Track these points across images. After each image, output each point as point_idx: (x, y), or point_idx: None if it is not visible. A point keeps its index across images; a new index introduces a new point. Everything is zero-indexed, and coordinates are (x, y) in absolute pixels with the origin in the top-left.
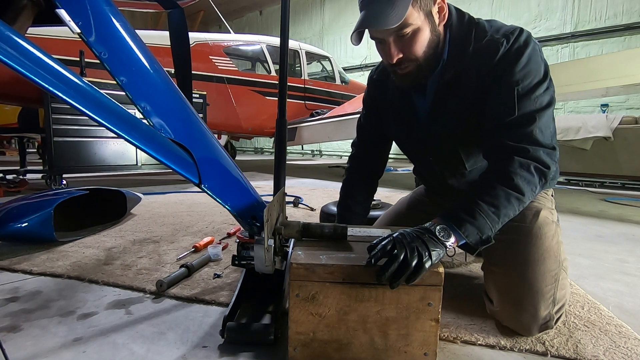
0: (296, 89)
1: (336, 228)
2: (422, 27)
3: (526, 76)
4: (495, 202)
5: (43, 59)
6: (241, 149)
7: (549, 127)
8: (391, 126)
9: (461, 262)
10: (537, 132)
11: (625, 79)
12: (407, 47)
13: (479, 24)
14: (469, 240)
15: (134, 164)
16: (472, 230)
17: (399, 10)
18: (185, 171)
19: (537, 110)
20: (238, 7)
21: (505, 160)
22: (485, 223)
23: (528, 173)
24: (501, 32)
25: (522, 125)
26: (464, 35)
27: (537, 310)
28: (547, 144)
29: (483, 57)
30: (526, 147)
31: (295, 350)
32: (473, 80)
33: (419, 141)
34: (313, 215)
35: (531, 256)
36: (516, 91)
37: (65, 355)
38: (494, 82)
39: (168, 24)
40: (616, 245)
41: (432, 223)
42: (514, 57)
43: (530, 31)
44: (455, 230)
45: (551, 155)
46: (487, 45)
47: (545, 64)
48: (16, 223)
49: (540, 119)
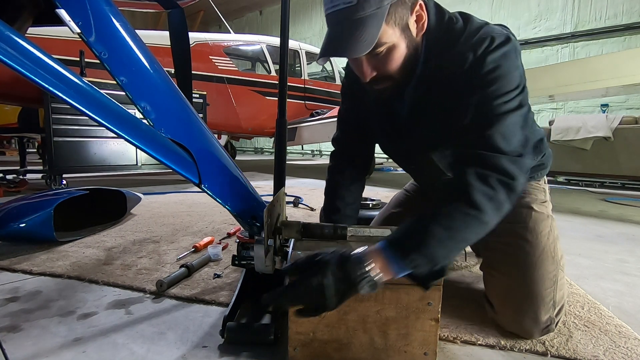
0: (296, 89)
1: (336, 228)
2: (397, 44)
3: (492, 83)
4: (450, 226)
5: (43, 59)
6: (241, 149)
7: (516, 134)
8: (372, 129)
9: (461, 262)
10: (498, 138)
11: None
12: (381, 66)
13: (454, 28)
14: (417, 272)
15: (134, 164)
16: (422, 260)
17: (371, 33)
18: (185, 171)
19: (500, 114)
20: (238, 7)
21: (462, 171)
22: (439, 252)
23: (488, 187)
24: (475, 37)
25: (480, 130)
26: (440, 42)
27: (538, 315)
28: (512, 150)
29: (454, 66)
30: (484, 155)
31: (295, 350)
32: (445, 91)
33: (400, 149)
34: (313, 215)
35: (528, 260)
36: (479, 96)
37: (65, 355)
38: (460, 93)
39: (168, 24)
40: (616, 245)
41: (364, 253)
42: (482, 65)
43: (530, 31)
44: (398, 261)
45: (518, 163)
46: (458, 53)
47: (520, 73)
48: (16, 223)
49: (503, 123)
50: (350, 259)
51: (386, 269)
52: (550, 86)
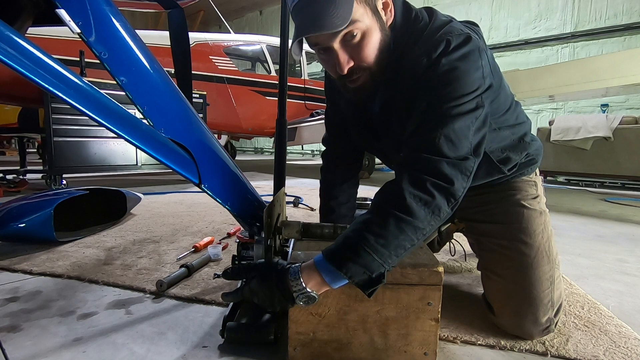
0: (296, 89)
1: (336, 228)
2: (371, 27)
3: (445, 85)
4: (384, 233)
5: (43, 59)
6: (241, 149)
7: (466, 137)
8: (351, 132)
9: (461, 263)
10: (443, 141)
11: (625, 79)
12: (358, 53)
13: (418, 27)
14: (353, 281)
15: (134, 164)
16: (357, 270)
17: (343, 8)
18: (185, 171)
19: (450, 116)
20: (238, 7)
21: (400, 175)
22: (374, 260)
23: (423, 192)
24: (431, 40)
25: (426, 133)
26: (404, 40)
27: (537, 317)
28: (457, 155)
29: (407, 75)
30: (425, 158)
31: (295, 350)
32: (407, 92)
33: (376, 149)
34: (313, 215)
35: (524, 262)
36: (430, 98)
37: (65, 355)
38: (417, 96)
39: (168, 24)
40: (616, 245)
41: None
42: (436, 68)
43: (530, 31)
44: (332, 273)
45: (459, 166)
46: (411, 60)
47: (482, 74)
48: (16, 223)
49: (450, 126)
50: (287, 274)
51: (321, 281)
52: (550, 86)
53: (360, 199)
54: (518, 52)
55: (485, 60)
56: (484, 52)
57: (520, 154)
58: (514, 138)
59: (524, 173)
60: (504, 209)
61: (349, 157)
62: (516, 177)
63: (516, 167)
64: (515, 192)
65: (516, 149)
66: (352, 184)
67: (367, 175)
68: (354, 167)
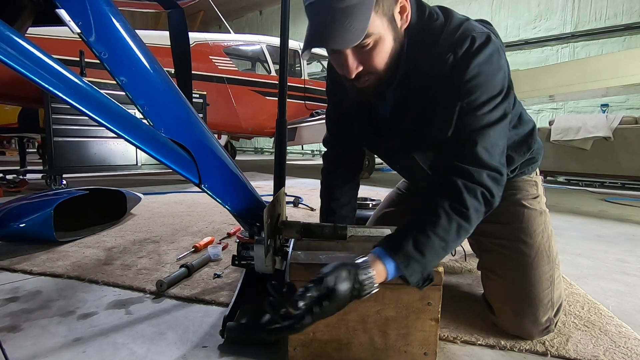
0: (296, 89)
1: (336, 228)
2: (384, 36)
3: (472, 91)
4: (446, 237)
5: (43, 59)
6: (241, 149)
7: (498, 145)
8: (355, 131)
9: (461, 263)
10: (482, 152)
11: (625, 79)
12: (368, 60)
13: (435, 25)
14: (409, 280)
15: (134, 164)
16: (417, 268)
17: (360, 22)
18: (185, 171)
19: (483, 127)
20: (238, 7)
21: (452, 183)
22: (432, 262)
23: (476, 201)
24: (454, 37)
25: (465, 145)
26: (420, 40)
27: (537, 317)
28: (494, 165)
29: (434, 68)
30: (470, 170)
31: (295, 350)
32: (426, 93)
33: (383, 150)
34: (313, 215)
35: (525, 262)
36: (459, 107)
37: (65, 355)
38: (440, 99)
39: (168, 24)
40: (616, 245)
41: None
42: (461, 72)
43: (530, 31)
44: (396, 268)
45: (497, 181)
46: (438, 54)
47: (504, 75)
48: (16, 223)
49: (486, 136)
50: (359, 266)
51: (384, 274)
52: (550, 86)
53: (360, 199)
54: (518, 52)
55: (504, 59)
56: (503, 52)
57: (523, 155)
58: (517, 139)
59: (524, 172)
60: (504, 209)
61: (350, 158)
62: (517, 177)
63: (517, 167)
64: (515, 191)
65: (519, 150)
66: (353, 185)
67: (367, 175)
68: (355, 168)
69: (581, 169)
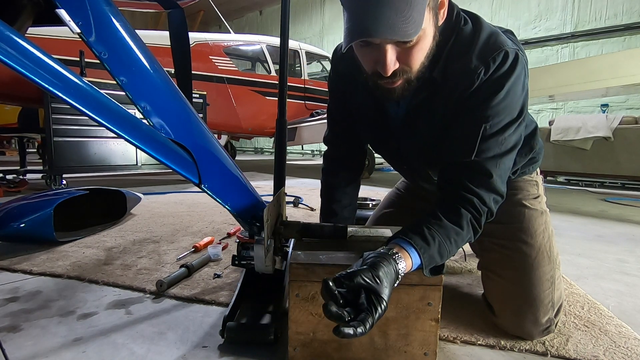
0: (296, 89)
1: (336, 228)
2: (427, 32)
3: (498, 114)
4: (459, 241)
5: (43, 59)
6: (241, 149)
7: (507, 172)
8: (362, 130)
9: (461, 263)
10: (496, 180)
11: (625, 79)
12: (407, 57)
13: (465, 32)
14: (426, 274)
15: (134, 164)
16: (433, 264)
17: (418, 12)
18: (185, 171)
19: (502, 154)
20: (238, 7)
21: (470, 202)
22: (444, 259)
23: (483, 217)
24: (484, 54)
25: (483, 171)
26: (451, 46)
27: (538, 317)
28: (502, 192)
29: (457, 83)
30: (481, 194)
31: (295, 350)
32: (445, 104)
33: (391, 151)
34: (313, 215)
35: (525, 262)
36: (483, 129)
37: (65, 355)
38: (464, 113)
39: (168, 24)
40: (616, 245)
41: (398, 257)
42: (491, 91)
43: (530, 31)
44: (419, 263)
45: (498, 203)
46: (464, 69)
47: (524, 96)
48: (16, 223)
49: (501, 165)
50: (392, 257)
51: (410, 267)
52: (550, 86)
53: (360, 199)
54: None
55: (526, 77)
56: (527, 67)
57: (525, 156)
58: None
59: (525, 172)
60: (505, 209)
61: (352, 158)
62: (518, 177)
63: (519, 168)
64: (516, 191)
65: (522, 152)
66: (354, 187)
67: (367, 175)
68: (356, 169)
69: (581, 169)
